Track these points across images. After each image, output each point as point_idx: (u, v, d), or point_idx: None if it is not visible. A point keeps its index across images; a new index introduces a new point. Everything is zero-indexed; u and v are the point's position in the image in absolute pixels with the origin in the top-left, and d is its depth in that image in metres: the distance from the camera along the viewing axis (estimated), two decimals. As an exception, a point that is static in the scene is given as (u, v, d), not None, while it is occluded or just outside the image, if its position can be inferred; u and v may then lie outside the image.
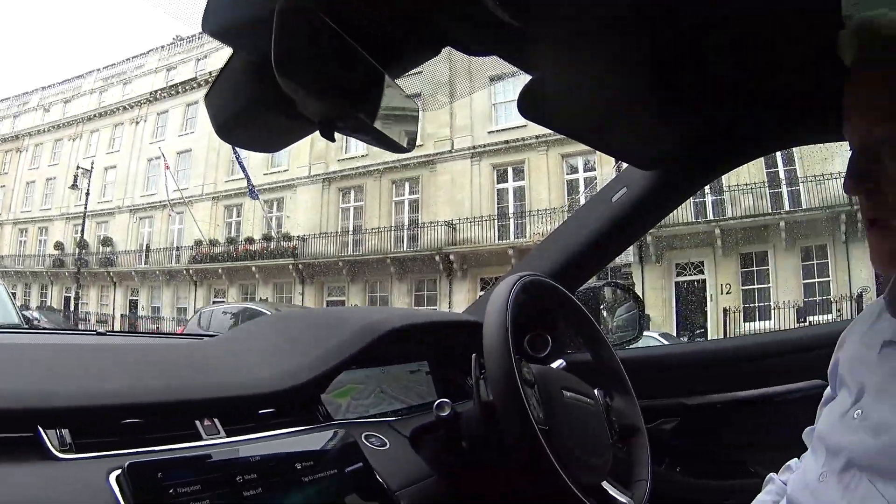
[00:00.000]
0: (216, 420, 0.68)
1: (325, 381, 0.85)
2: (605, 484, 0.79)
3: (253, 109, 0.59)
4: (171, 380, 0.71)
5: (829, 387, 0.74)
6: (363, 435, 0.80)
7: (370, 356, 0.95)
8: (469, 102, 14.98)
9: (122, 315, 19.14)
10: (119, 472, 0.54)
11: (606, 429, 0.85)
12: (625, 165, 1.24)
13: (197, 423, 0.66)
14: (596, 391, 0.89)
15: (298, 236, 16.26)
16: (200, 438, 0.65)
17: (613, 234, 1.20)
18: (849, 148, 0.59)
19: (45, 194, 22.56)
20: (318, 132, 0.60)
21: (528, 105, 0.84)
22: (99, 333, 1.17)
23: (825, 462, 0.62)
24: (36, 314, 15.11)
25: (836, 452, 0.60)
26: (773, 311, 12.01)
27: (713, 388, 1.23)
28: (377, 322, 0.96)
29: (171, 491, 0.54)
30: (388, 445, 0.82)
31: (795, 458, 0.79)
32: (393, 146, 0.64)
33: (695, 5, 0.71)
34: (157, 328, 16.90)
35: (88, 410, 0.59)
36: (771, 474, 0.81)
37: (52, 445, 0.54)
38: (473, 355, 0.77)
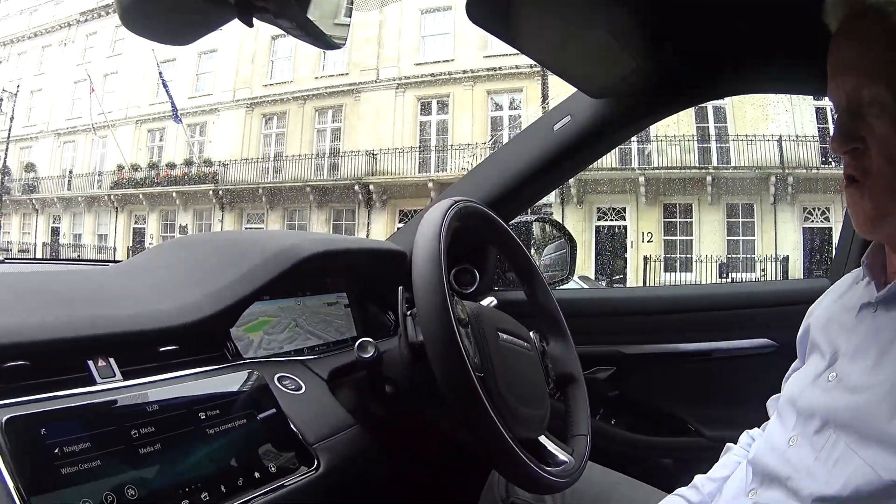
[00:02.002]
0: (111, 360, 0.60)
1: (235, 313, 0.76)
2: (542, 438, 0.72)
3: None
4: (60, 314, 0.61)
5: (796, 358, 0.71)
6: (276, 376, 0.73)
7: (284, 285, 0.85)
8: (398, 33, 14.75)
9: (43, 243, 18.59)
10: None
11: (543, 377, 0.78)
12: (552, 105, 1.14)
13: (90, 363, 0.58)
14: (531, 334, 0.81)
15: (219, 162, 15.95)
16: (94, 382, 0.57)
17: (552, 166, 1.10)
18: (832, 107, 0.59)
19: (-31, 120, 21.51)
20: (235, 20, 0.50)
21: (479, 11, 0.74)
22: None
23: (795, 425, 0.60)
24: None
25: (809, 415, 0.58)
26: (695, 263, 12.27)
27: (653, 337, 1.16)
28: (292, 247, 0.85)
29: (56, 450, 0.47)
30: (303, 389, 0.74)
31: (757, 428, 0.76)
32: (321, 39, 0.54)
33: None
34: (79, 256, 16.52)
35: None
36: (729, 444, 0.77)
37: None
38: (400, 288, 0.69)
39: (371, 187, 14.21)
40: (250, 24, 0.49)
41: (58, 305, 0.65)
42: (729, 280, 11.44)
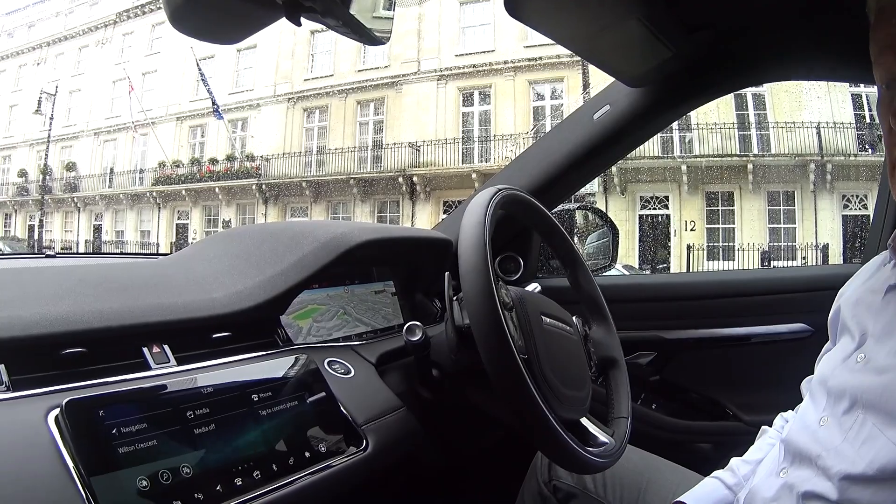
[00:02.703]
0: (166, 347, 0.63)
1: (286, 300, 0.78)
2: (584, 420, 0.72)
3: None
4: (115, 303, 0.63)
5: (829, 340, 0.72)
6: (326, 361, 0.75)
7: (333, 274, 0.87)
8: (438, 25, 14.76)
9: (86, 241, 18.88)
10: (58, 410, 0.49)
11: (586, 360, 0.79)
12: (594, 93, 1.14)
13: (144, 350, 0.61)
14: (574, 319, 0.82)
15: (262, 156, 16.08)
16: (149, 368, 0.60)
17: (593, 154, 1.11)
18: (879, 83, 0.58)
19: (8, 121, 21.91)
20: (282, 19, 0.50)
21: (517, 4, 0.75)
22: (48, 256, 1.10)
23: (826, 406, 0.61)
24: (0, 245, 14.86)
25: (839, 395, 0.59)
26: (737, 251, 12.15)
27: (693, 323, 1.17)
28: (342, 235, 0.86)
29: (114, 431, 0.49)
30: (352, 373, 0.76)
31: (791, 411, 0.76)
32: (367, 36, 0.55)
33: None
34: (121, 252, 16.77)
35: (24, 341, 0.53)
36: (764, 426, 0.78)
37: None
38: (446, 274, 0.69)
39: (415, 179, 14.23)
40: (298, 24, 0.50)
41: (113, 294, 0.66)
42: (770, 267, 11.30)
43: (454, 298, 0.70)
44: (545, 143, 1.20)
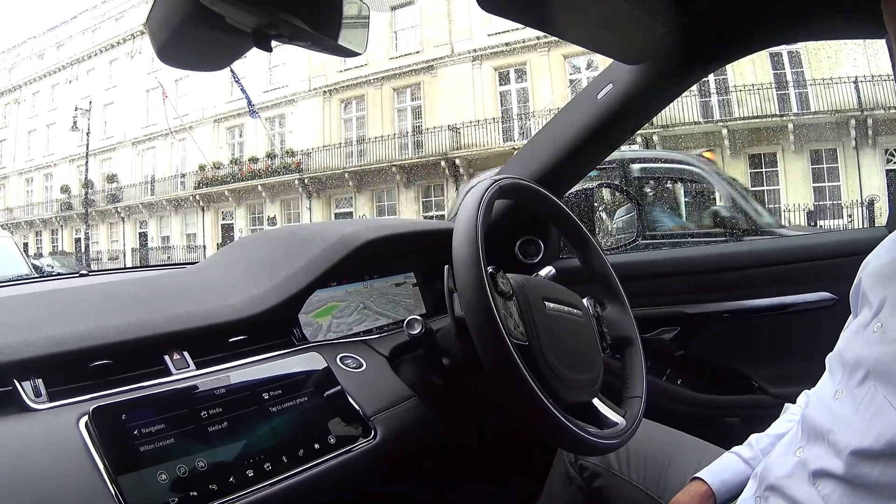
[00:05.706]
0: (185, 353, 0.67)
1: (298, 302, 0.82)
2: (595, 401, 0.74)
3: (188, 28, 0.53)
4: (136, 316, 0.68)
5: (851, 315, 0.70)
6: (338, 356, 0.78)
7: (351, 271, 0.91)
8: (467, 6, 14.68)
9: (132, 249, 19.32)
10: (87, 417, 0.55)
11: (597, 341, 0.79)
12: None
13: (166, 357, 0.66)
14: (585, 300, 0.82)
15: (302, 151, 16.23)
16: (169, 374, 0.65)
17: (601, 134, 1.10)
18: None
19: (47, 140, 22.50)
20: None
21: None
22: (81, 275, 1.15)
23: (841, 379, 0.61)
24: (49, 261, 15.26)
25: (854, 367, 0.59)
26: (783, 212, 11.94)
27: (715, 296, 1.17)
28: (347, 236, 0.90)
29: (135, 432, 0.55)
30: (364, 367, 0.79)
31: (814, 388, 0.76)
32: (339, 50, 0.57)
33: None
34: (168, 258, 17.12)
35: (57, 358, 0.59)
36: (787, 404, 0.78)
37: (27, 396, 0.56)
38: (446, 266, 0.70)
39: (457, 161, 14.21)
40: (269, 50, 0.52)
41: (135, 307, 0.71)
42: (817, 227, 11.11)
43: (454, 290, 0.69)
44: (552, 128, 1.18)
